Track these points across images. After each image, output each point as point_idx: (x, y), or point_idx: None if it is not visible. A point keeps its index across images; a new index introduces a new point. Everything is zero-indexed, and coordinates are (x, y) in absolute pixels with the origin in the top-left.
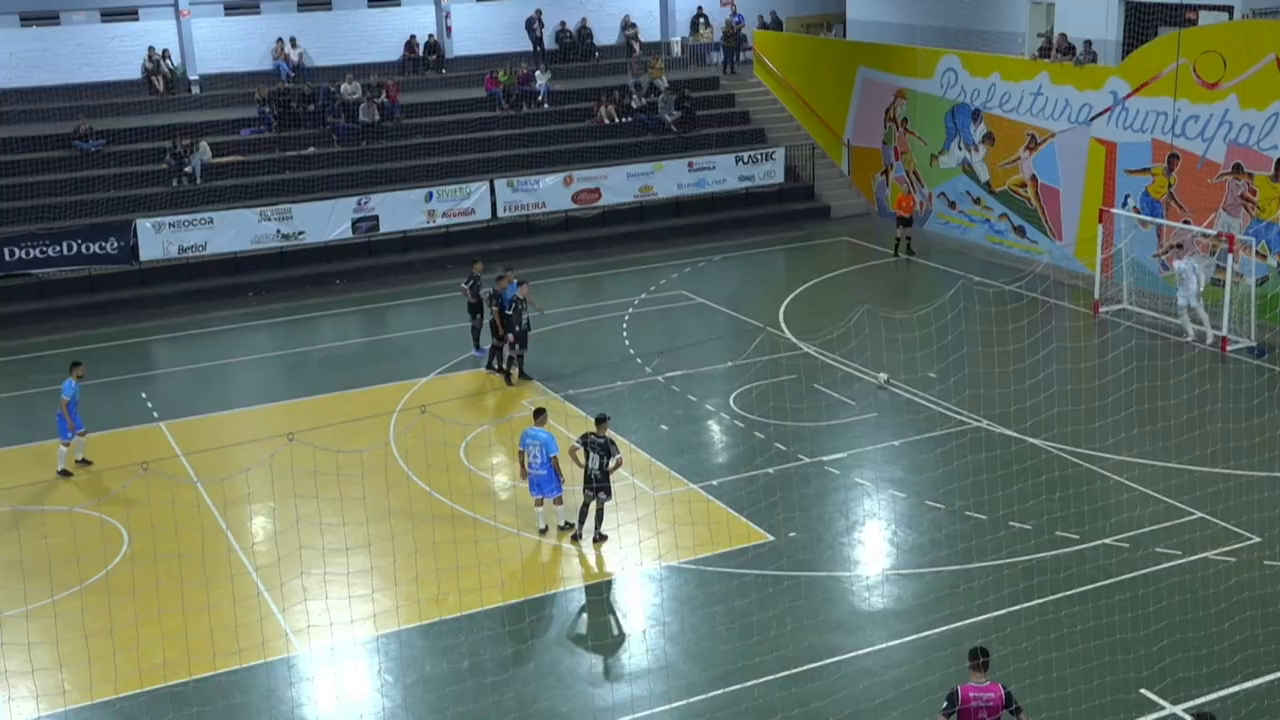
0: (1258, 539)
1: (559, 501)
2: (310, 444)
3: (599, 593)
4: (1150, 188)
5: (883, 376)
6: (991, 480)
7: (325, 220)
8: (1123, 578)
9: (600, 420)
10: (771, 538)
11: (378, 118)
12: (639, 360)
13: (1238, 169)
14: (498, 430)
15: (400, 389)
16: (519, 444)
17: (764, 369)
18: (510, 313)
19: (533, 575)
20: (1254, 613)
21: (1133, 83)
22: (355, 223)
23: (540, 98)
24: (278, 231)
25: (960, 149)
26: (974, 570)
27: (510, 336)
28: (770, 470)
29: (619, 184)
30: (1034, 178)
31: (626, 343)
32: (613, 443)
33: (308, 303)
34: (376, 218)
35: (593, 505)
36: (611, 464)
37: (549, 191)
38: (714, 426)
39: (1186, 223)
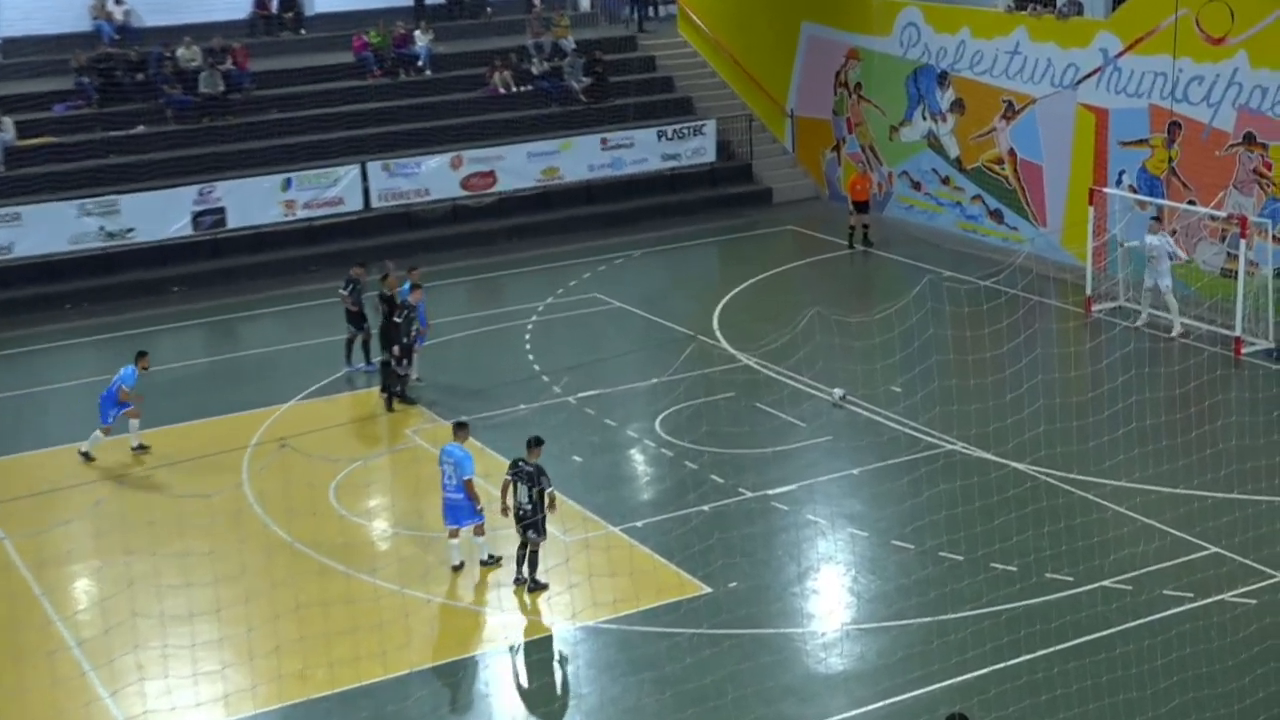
0: None
1: (479, 531)
2: (145, 488)
3: (501, 661)
4: (1148, 162)
5: (838, 392)
6: (969, 514)
7: (160, 214)
8: (1125, 626)
9: (532, 444)
10: (708, 589)
11: (222, 89)
12: (545, 378)
13: (1250, 139)
14: (375, 466)
15: (255, 418)
16: (438, 462)
17: (696, 386)
18: (399, 320)
19: (420, 642)
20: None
21: (1125, 39)
22: (196, 217)
23: (421, 63)
24: (101, 229)
25: (925, 119)
26: (949, 622)
27: (395, 350)
28: (705, 508)
29: (518, 166)
30: (1012, 152)
31: (530, 357)
32: (543, 472)
33: (139, 315)
34: (223, 210)
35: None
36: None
37: (433, 176)
38: (637, 456)
39: (1191, 203)
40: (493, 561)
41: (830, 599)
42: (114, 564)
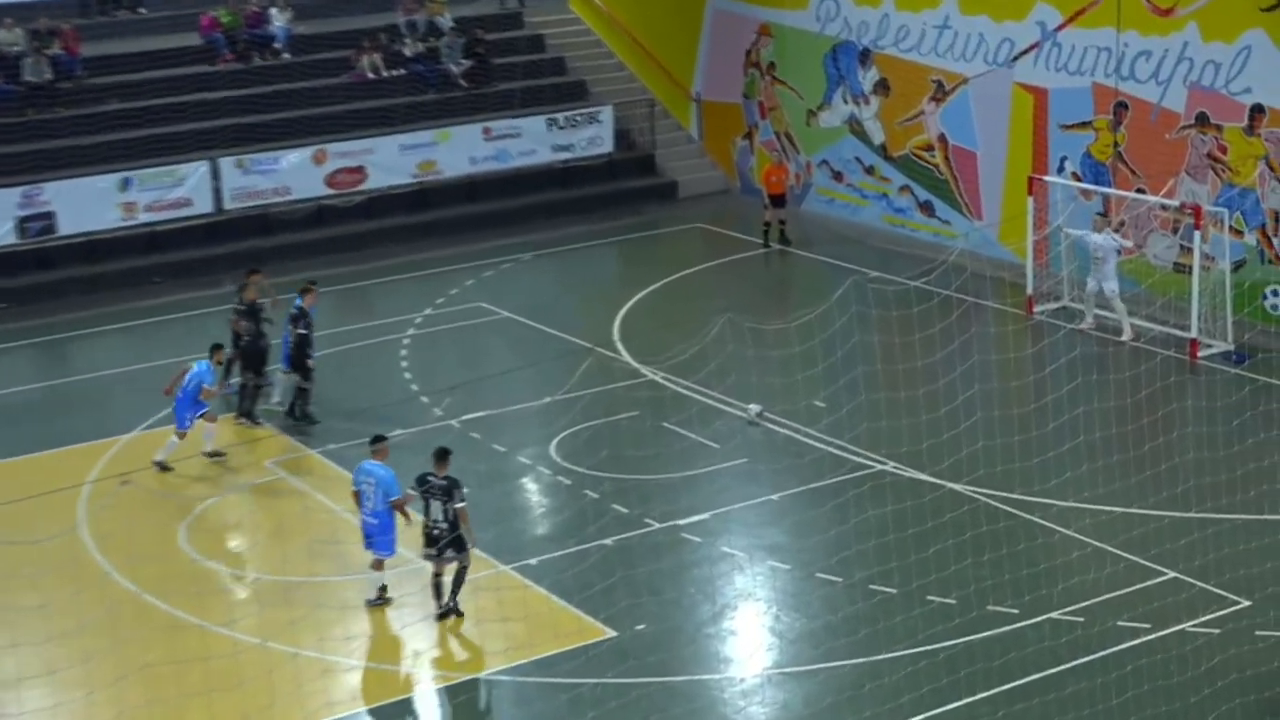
0: (1246, 602)
1: (379, 565)
2: None
3: None
4: (1092, 147)
5: (754, 409)
6: (901, 542)
7: None
8: (1076, 663)
9: (440, 456)
10: (613, 633)
11: (50, 77)
12: (425, 399)
13: (1202, 120)
14: (231, 503)
15: (92, 451)
16: (353, 483)
17: (594, 405)
18: (304, 332)
19: (286, 702)
20: (1246, 699)
21: (1065, 11)
22: (22, 223)
23: (278, 45)
24: None
25: (845, 102)
26: (882, 663)
27: (310, 364)
28: (608, 541)
29: (390, 160)
30: (942, 137)
31: (407, 376)
32: (458, 485)
33: None
34: (52, 215)
35: (449, 569)
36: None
37: (294, 173)
38: (529, 485)
39: (1140, 191)
40: (382, 602)
41: (749, 641)
42: None
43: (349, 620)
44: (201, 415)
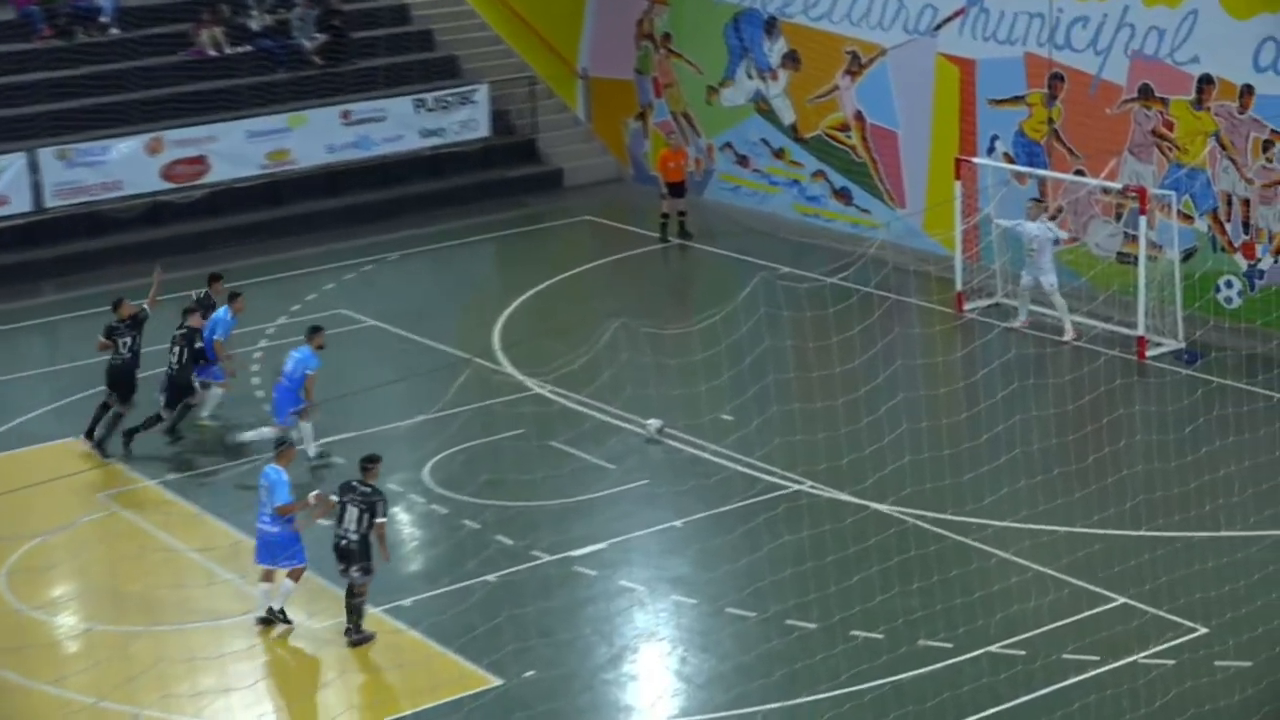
0: (1204, 630)
1: (295, 574)
2: None
3: None
4: (1025, 124)
5: (653, 424)
6: (821, 570)
7: None
8: (1018, 701)
9: (369, 463)
10: (498, 681)
11: None
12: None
13: (1146, 93)
14: (60, 544)
15: None
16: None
17: (473, 422)
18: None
19: None
20: None
21: None
22: None
23: (105, 19)
24: None
25: (750, 77)
26: (802, 707)
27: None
28: (491, 578)
29: (235, 149)
30: (859, 116)
31: (259, 394)
32: (383, 498)
33: None
34: None
35: (363, 588)
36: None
37: (126, 164)
38: (401, 515)
39: (1079, 173)
40: (269, 618)
41: (653, 685)
42: None
43: (196, 674)
44: (300, 411)
